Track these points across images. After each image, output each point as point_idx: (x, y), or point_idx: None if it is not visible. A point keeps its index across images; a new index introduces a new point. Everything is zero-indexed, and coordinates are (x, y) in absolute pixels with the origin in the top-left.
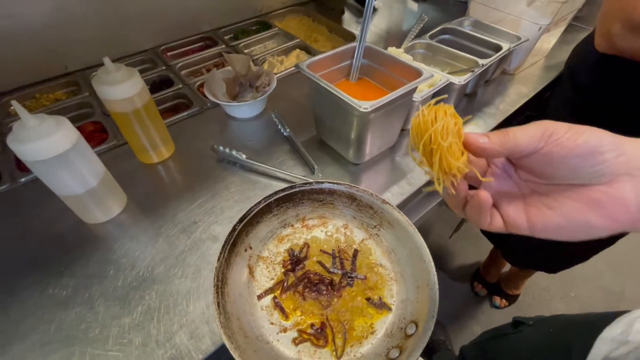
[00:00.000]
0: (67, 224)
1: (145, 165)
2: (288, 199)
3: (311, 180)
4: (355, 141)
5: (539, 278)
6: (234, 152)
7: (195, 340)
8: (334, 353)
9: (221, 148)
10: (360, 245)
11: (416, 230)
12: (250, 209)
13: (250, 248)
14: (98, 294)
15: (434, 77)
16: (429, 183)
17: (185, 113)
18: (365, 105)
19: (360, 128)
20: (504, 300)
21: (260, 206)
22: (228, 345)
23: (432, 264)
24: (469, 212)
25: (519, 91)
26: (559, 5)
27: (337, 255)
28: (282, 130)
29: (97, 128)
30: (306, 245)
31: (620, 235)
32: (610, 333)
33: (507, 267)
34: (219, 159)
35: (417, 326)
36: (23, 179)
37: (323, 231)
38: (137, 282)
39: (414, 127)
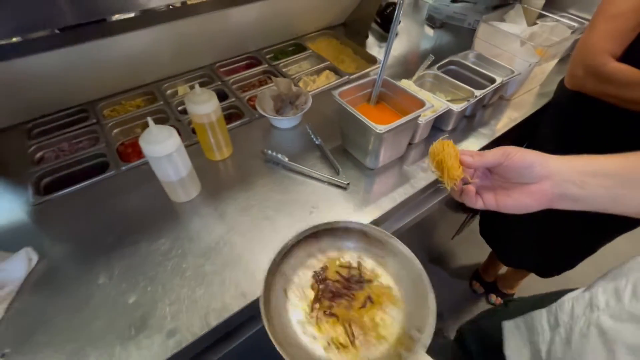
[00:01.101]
0: (159, 201)
1: (210, 161)
2: (313, 236)
3: (331, 221)
4: (371, 152)
5: (535, 282)
6: (279, 156)
7: (257, 285)
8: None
9: (269, 152)
10: (371, 272)
11: (416, 259)
12: (284, 246)
13: (285, 274)
14: (187, 250)
15: (434, 106)
16: (439, 182)
17: (238, 122)
18: (380, 128)
19: (376, 143)
20: (499, 298)
21: (292, 243)
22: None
23: (430, 285)
24: (463, 197)
25: (511, 116)
26: (545, 48)
27: (354, 267)
28: (314, 139)
29: None
30: (326, 266)
31: (602, 243)
32: (570, 295)
33: (504, 268)
34: (265, 160)
35: (420, 332)
36: (124, 167)
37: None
38: (214, 243)
39: (430, 153)
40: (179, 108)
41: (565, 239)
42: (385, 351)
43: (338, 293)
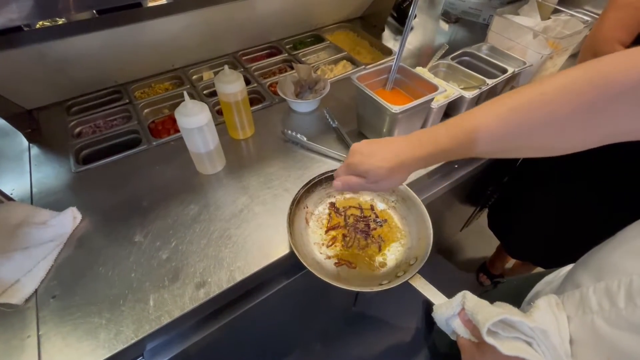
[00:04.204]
0: (187, 173)
1: (234, 140)
2: (332, 178)
3: None
4: (386, 133)
5: None
6: (298, 135)
7: (274, 245)
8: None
9: (289, 132)
10: (382, 212)
11: (422, 203)
12: (308, 182)
13: (307, 207)
14: (214, 216)
15: (447, 91)
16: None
17: (260, 105)
18: (395, 108)
19: (391, 124)
20: (488, 279)
21: (315, 180)
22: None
23: (430, 224)
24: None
25: None
26: (557, 40)
27: (366, 207)
28: (331, 122)
29: None
30: (342, 204)
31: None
32: (547, 278)
33: (510, 262)
34: (285, 140)
35: (417, 260)
36: (155, 143)
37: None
38: (238, 211)
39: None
40: (205, 92)
41: (575, 232)
42: (385, 272)
43: (352, 226)
